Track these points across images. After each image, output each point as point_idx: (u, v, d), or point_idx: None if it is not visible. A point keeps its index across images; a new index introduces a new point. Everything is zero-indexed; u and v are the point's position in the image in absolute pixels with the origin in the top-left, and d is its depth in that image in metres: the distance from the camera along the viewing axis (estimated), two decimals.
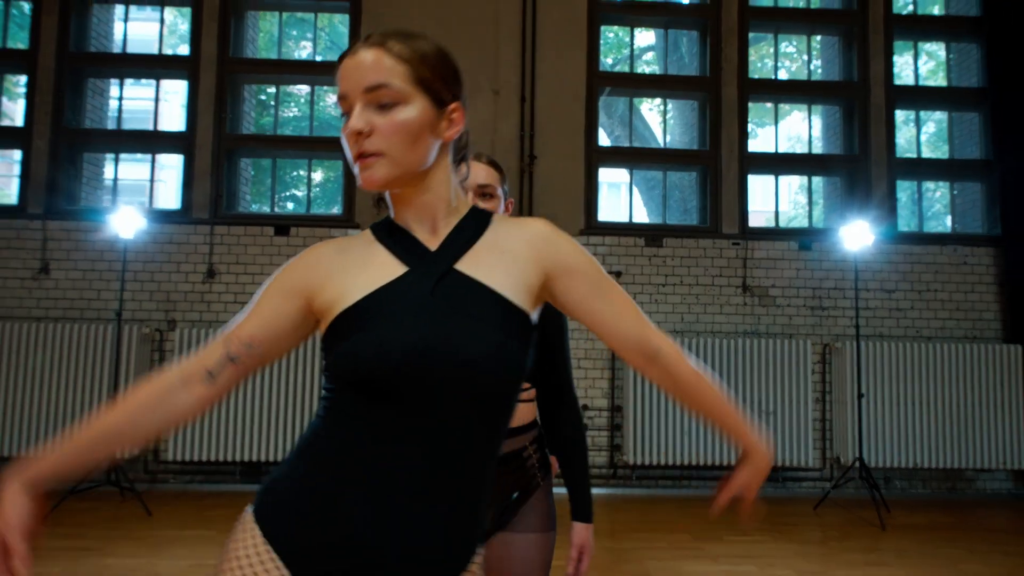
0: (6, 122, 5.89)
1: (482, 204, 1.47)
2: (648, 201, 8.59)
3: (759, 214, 11.55)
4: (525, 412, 1.45)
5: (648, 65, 11.20)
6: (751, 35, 5.78)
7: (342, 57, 0.91)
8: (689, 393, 1.01)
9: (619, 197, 14.97)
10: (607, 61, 10.66)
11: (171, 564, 3.47)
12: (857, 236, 4.80)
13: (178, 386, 0.92)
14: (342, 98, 0.89)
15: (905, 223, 7.74)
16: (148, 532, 3.99)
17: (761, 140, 12.49)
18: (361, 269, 0.91)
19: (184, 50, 11.12)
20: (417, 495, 0.86)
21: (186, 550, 3.67)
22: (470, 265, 0.91)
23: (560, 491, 1.50)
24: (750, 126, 12.19)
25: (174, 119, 14.05)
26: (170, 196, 14.50)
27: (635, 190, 8.74)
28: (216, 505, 4.64)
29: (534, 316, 0.94)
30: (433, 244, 0.93)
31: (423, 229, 0.93)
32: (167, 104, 13.28)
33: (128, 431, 0.91)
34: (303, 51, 11.74)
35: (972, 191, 5.93)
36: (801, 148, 6.12)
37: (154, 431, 0.93)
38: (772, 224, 6.10)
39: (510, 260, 0.92)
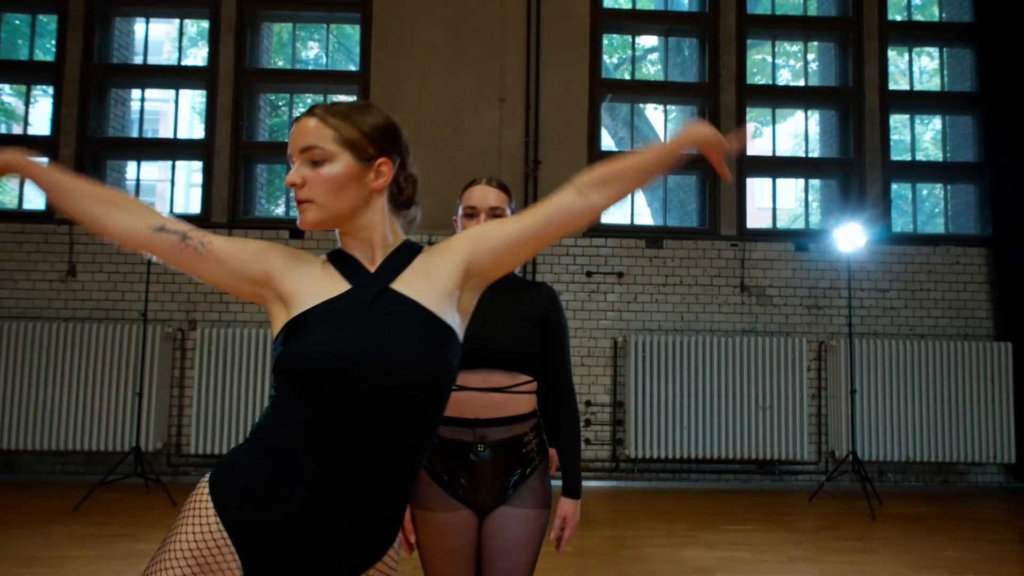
0: (32, 131, 6.13)
1: None
2: (652, 201, 8.77)
3: (770, 212, 11.71)
4: (526, 403, 1.66)
5: (653, 65, 11.37)
6: (749, 39, 5.95)
7: (291, 124, 1.14)
8: (629, 174, 1.16)
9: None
10: (612, 61, 10.83)
11: None
12: (850, 238, 4.98)
13: (136, 212, 1.10)
14: (289, 156, 1.12)
15: (910, 223, 7.88)
16: (174, 520, 4.23)
17: (769, 138, 12.63)
18: (314, 281, 1.10)
19: (194, 51, 11.42)
20: (347, 483, 1.02)
21: None
22: (403, 284, 1.11)
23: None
24: (757, 124, 12.36)
25: (183, 119, 14.38)
26: (179, 197, 14.83)
27: (639, 192, 8.90)
28: None
29: (456, 324, 1.14)
30: (372, 268, 1.13)
31: (365, 257, 1.14)
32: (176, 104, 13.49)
33: (79, 199, 1.09)
34: (311, 51, 12.05)
35: (966, 193, 6.09)
36: (802, 146, 6.28)
37: (90, 217, 1.09)
38: (781, 222, 6.28)
39: (435, 278, 1.12)
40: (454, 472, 1.60)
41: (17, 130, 10.39)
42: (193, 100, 13.61)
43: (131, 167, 6.18)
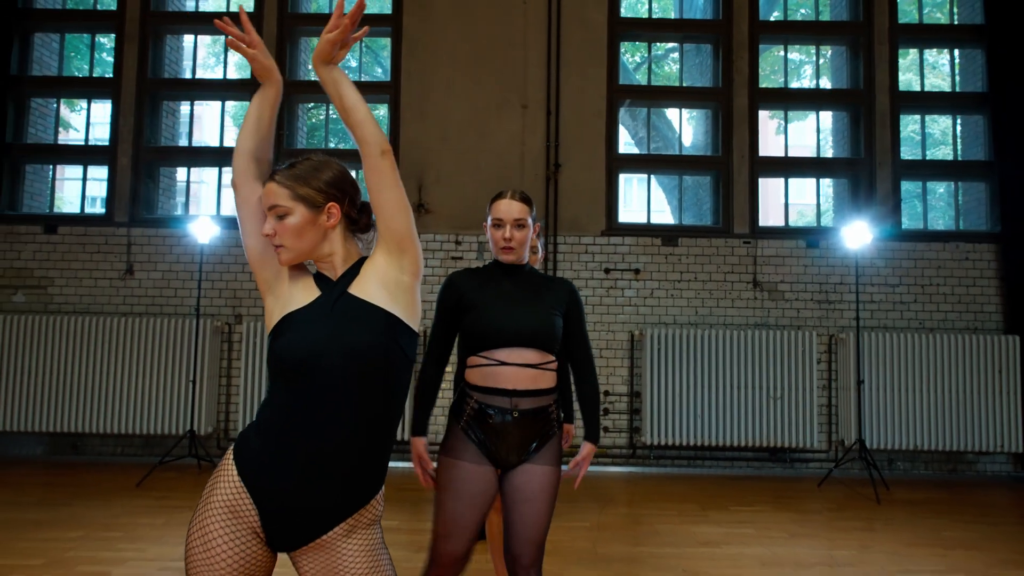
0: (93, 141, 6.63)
1: (517, 233, 2.01)
2: (672, 199, 9.01)
3: (794, 207, 11.86)
4: (552, 379, 2.00)
5: (676, 63, 11.58)
6: (761, 44, 6.18)
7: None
8: (340, 105, 1.42)
9: (646, 191, 15.35)
10: (636, 59, 11.06)
11: None
12: (857, 235, 5.20)
13: (264, 177, 1.45)
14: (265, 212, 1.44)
15: (934, 219, 8.01)
16: (209, 480, 4.65)
17: (792, 134, 12.78)
18: (300, 290, 1.45)
19: (219, 52, 11.97)
20: (324, 453, 1.35)
21: None
22: (357, 289, 1.44)
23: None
24: (779, 122, 12.50)
25: (211, 123, 15.07)
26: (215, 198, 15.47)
27: (659, 190, 9.16)
28: None
29: (402, 310, 1.41)
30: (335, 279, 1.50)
31: (331, 273, 1.47)
32: (208, 109, 14.25)
33: (257, 134, 1.45)
34: None
35: (978, 190, 6.24)
36: (825, 144, 6.46)
37: (243, 147, 1.44)
38: (807, 218, 6.50)
39: (379, 278, 1.45)
40: (487, 433, 1.94)
41: (63, 136, 11.03)
42: (220, 106, 14.25)
43: (180, 172, 6.66)
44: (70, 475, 5.19)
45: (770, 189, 10.75)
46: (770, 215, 10.96)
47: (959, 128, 6.48)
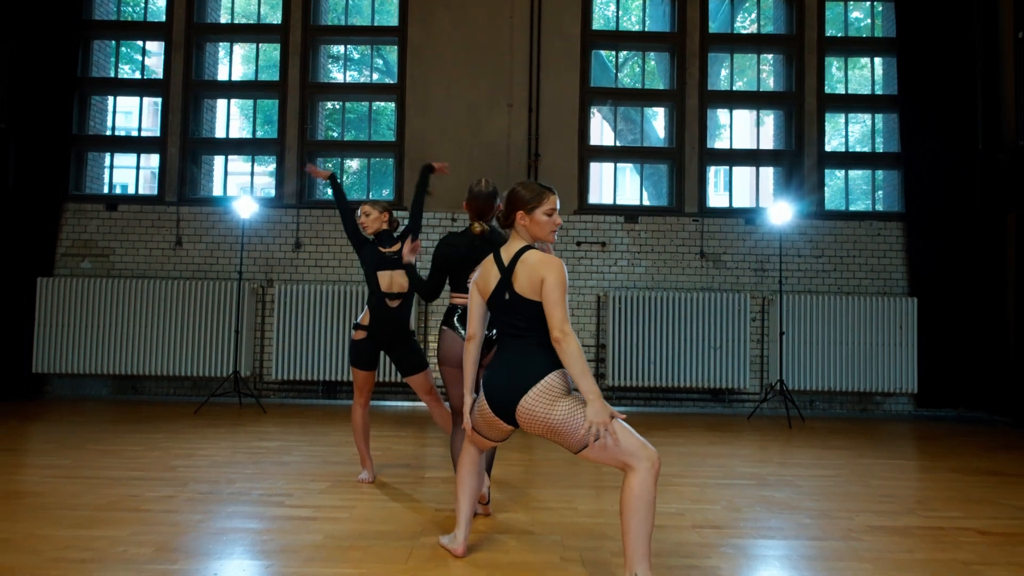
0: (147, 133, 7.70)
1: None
2: (643, 180, 10.14)
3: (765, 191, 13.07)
4: None
5: (652, 61, 12.66)
6: (711, 52, 7.30)
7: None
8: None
9: (623, 176, 16.53)
10: (621, 55, 12.12)
11: (296, 430, 5.30)
12: (781, 213, 6.35)
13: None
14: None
15: (853, 202, 9.13)
16: (268, 419, 5.84)
17: (727, 134, 13.86)
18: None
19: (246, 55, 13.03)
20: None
21: (299, 426, 5.50)
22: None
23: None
24: (755, 114, 13.60)
25: (236, 120, 16.02)
26: (239, 181, 16.53)
27: (626, 176, 10.26)
28: (308, 409, 6.50)
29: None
30: None
31: None
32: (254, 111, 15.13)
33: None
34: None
35: (893, 177, 7.40)
36: (756, 141, 7.57)
37: None
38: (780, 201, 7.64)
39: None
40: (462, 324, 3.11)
41: None
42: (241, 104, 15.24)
43: (218, 160, 7.78)
44: (135, 408, 6.36)
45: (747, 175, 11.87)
46: (757, 198, 12.04)
47: (879, 125, 7.62)
